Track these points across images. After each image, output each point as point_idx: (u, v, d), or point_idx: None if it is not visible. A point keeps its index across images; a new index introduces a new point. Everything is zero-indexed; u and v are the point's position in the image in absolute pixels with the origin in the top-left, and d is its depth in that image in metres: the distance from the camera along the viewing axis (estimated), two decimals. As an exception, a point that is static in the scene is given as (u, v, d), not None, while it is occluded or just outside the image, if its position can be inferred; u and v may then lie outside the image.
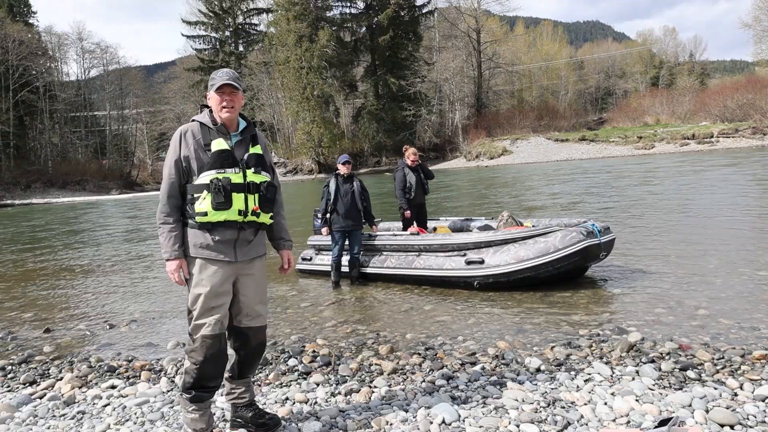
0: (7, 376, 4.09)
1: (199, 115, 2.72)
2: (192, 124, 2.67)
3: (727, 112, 39.71)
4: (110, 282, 7.91)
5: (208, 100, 2.69)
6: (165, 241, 2.57)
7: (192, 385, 2.59)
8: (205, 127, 2.63)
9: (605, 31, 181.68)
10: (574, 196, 14.95)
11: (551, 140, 43.86)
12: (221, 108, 2.60)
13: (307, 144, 49.09)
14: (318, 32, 47.63)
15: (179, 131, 2.65)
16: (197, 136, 2.61)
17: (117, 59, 61.88)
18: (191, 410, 2.61)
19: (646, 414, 2.72)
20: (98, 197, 42.43)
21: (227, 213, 2.54)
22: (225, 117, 2.62)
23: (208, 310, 2.55)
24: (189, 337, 2.60)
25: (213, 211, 2.52)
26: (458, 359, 3.74)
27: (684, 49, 74.59)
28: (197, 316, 2.55)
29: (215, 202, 2.51)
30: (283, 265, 2.93)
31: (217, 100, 2.60)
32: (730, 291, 5.00)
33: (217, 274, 2.57)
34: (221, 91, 2.59)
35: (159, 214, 2.60)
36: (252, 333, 2.71)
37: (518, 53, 63.24)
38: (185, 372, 2.61)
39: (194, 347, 2.56)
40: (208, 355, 2.54)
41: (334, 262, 6.52)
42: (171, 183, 2.59)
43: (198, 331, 2.55)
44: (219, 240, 2.57)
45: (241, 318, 2.68)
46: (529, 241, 5.63)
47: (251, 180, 2.60)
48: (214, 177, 2.52)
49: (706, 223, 8.93)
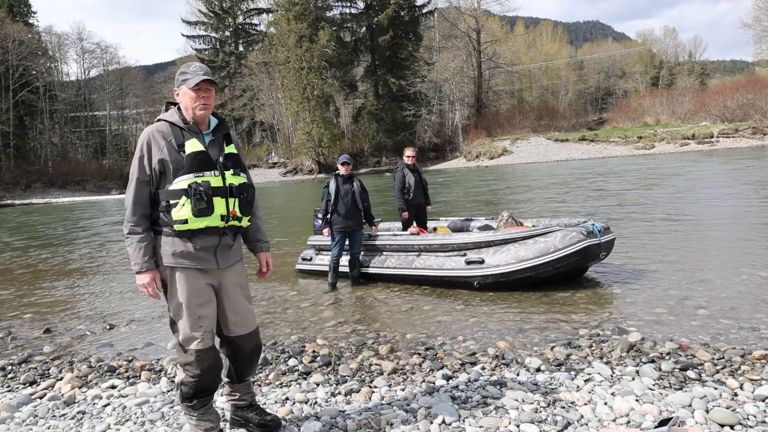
0: (7, 376, 4.10)
1: (165, 114, 2.52)
2: (160, 124, 2.47)
3: (727, 112, 39.69)
4: (110, 282, 7.91)
5: (177, 97, 2.51)
6: (135, 252, 2.38)
7: (192, 395, 2.53)
8: (175, 127, 2.44)
9: (605, 31, 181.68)
10: (573, 196, 14.94)
11: (551, 140, 43.84)
12: (196, 106, 2.43)
13: (307, 144, 49.08)
14: (318, 32, 47.61)
15: (147, 133, 2.43)
16: (168, 137, 2.41)
17: (117, 59, 62.22)
18: (195, 415, 2.56)
19: (646, 414, 2.72)
20: (98, 197, 42.44)
21: (209, 219, 2.39)
22: (200, 115, 2.45)
23: (195, 322, 2.43)
24: (180, 347, 2.48)
25: (194, 218, 2.35)
26: (458, 359, 3.74)
27: (684, 49, 74.80)
28: (187, 329, 2.43)
29: (196, 209, 2.34)
30: (261, 269, 2.79)
31: (192, 97, 2.42)
32: (730, 291, 5.00)
33: (200, 283, 2.44)
34: (197, 87, 2.42)
35: (126, 223, 2.41)
36: (244, 340, 2.62)
37: (518, 53, 63.21)
38: (182, 383, 2.52)
39: (189, 361, 2.46)
40: (205, 367, 2.47)
41: (332, 263, 6.51)
42: (139, 189, 2.39)
43: (189, 344, 2.44)
44: (200, 247, 2.42)
45: (230, 326, 2.58)
46: (529, 241, 5.63)
47: (230, 182, 2.46)
48: (192, 181, 2.35)
49: (706, 223, 8.92)
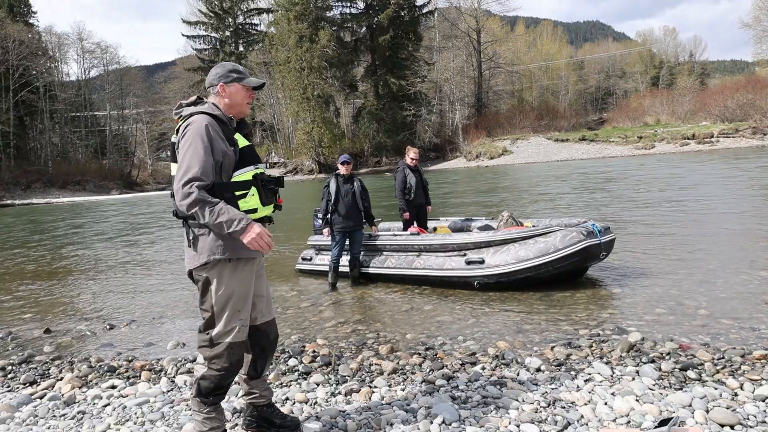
0: (8, 376, 4.09)
1: (202, 106, 2.48)
2: (209, 117, 2.41)
3: (727, 112, 39.71)
4: (110, 282, 7.91)
5: (222, 91, 2.50)
6: (230, 213, 2.25)
7: (211, 391, 2.49)
8: (220, 121, 2.45)
9: (605, 31, 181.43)
10: (573, 196, 14.95)
11: (551, 140, 43.86)
12: (246, 104, 2.56)
13: (307, 144, 49.11)
14: (318, 32, 47.62)
15: (205, 123, 2.36)
16: (218, 130, 2.42)
17: (117, 59, 62.14)
18: (205, 412, 2.51)
19: (647, 414, 2.72)
20: (98, 197, 42.44)
21: (269, 208, 2.54)
22: (245, 113, 2.58)
23: (236, 314, 2.43)
24: (206, 343, 2.44)
25: (262, 207, 2.48)
26: (458, 359, 3.74)
27: (684, 49, 74.75)
28: (226, 322, 2.41)
29: (266, 198, 2.48)
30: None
31: (244, 96, 2.54)
32: (730, 291, 5.00)
33: (250, 273, 2.50)
34: (251, 89, 2.55)
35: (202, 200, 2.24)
36: (269, 328, 2.69)
37: (518, 53, 63.28)
38: (204, 378, 2.48)
39: (218, 353, 2.42)
40: (234, 361, 2.45)
41: (332, 263, 6.50)
42: (208, 176, 2.28)
43: (225, 338, 2.41)
44: None
45: (256, 315, 2.63)
46: (529, 241, 5.63)
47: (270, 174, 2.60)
48: (256, 172, 2.47)
49: (707, 223, 8.92)
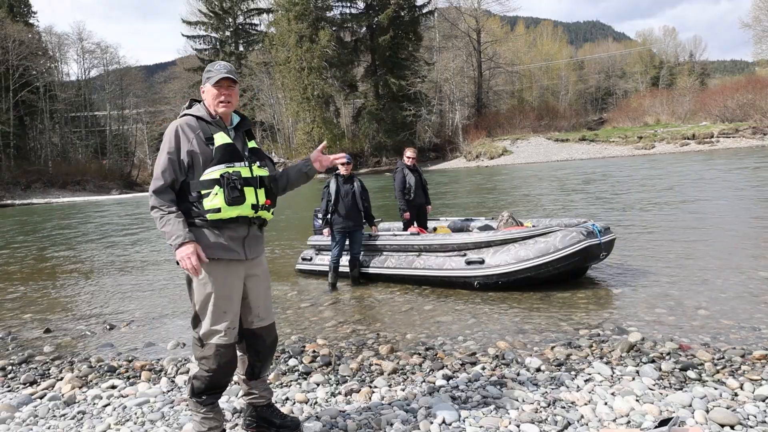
0: (8, 376, 4.09)
1: (190, 109, 2.59)
2: (187, 118, 2.53)
3: (727, 112, 39.70)
4: (110, 282, 7.91)
5: (203, 94, 2.60)
6: (172, 227, 2.37)
7: (203, 391, 2.51)
8: (202, 120, 2.52)
9: (605, 31, 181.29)
10: (573, 196, 14.95)
11: (551, 140, 43.85)
12: (218, 102, 2.52)
13: (307, 144, 49.09)
14: (318, 32, 47.64)
15: (175, 125, 2.49)
16: (196, 130, 2.47)
17: (117, 59, 62.10)
18: (203, 412, 2.53)
19: (647, 414, 2.72)
20: (98, 197, 42.42)
21: (241, 208, 2.45)
22: (221, 111, 2.53)
23: (220, 315, 2.44)
24: (197, 342, 2.48)
25: (227, 206, 2.41)
26: (458, 359, 3.74)
27: (684, 49, 74.68)
28: (209, 322, 2.44)
29: (230, 197, 2.41)
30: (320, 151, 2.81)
31: (214, 94, 2.52)
32: (730, 291, 5.00)
33: (230, 274, 2.47)
34: (219, 84, 2.51)
35: (157, 207, 2.42)
36: (265, 333, 2.65)
37: (518, 53, 63.22)
38: (195, 377, 2.51)
39: (206, 354, 2.45)
40: (222, 362, 2.45)
41: (332, 263, 6.51)
42: (165, 179, 2.42)
43: (210, 338, 2.44)
44: (231, 237, 2.47)
45: (252, 319, 2.61)
46: (529, 241, 5.63)
47: (257, 174, 2.54)
48: (224, 171, 2.42)
49: (706, 223, 8.92)
